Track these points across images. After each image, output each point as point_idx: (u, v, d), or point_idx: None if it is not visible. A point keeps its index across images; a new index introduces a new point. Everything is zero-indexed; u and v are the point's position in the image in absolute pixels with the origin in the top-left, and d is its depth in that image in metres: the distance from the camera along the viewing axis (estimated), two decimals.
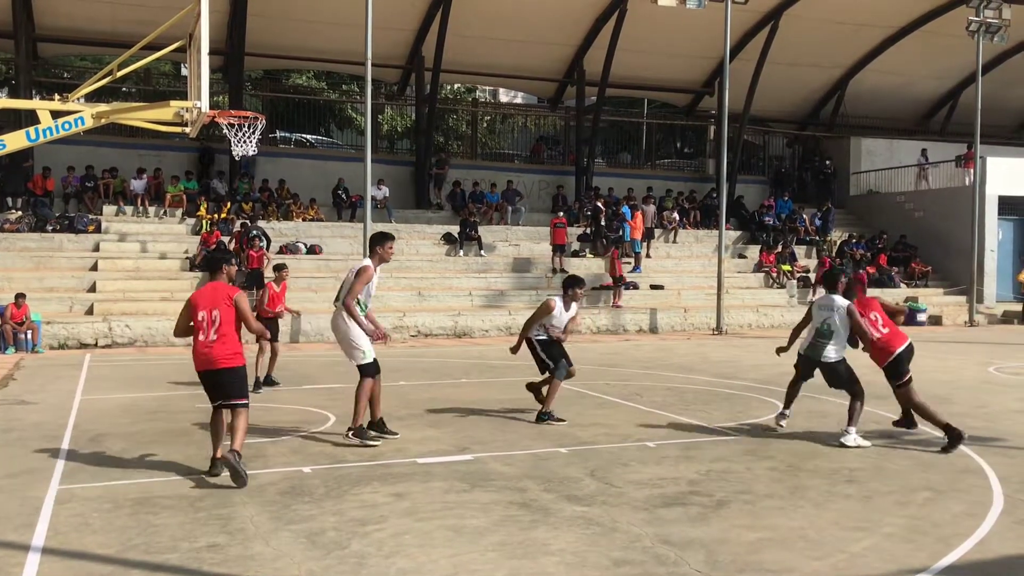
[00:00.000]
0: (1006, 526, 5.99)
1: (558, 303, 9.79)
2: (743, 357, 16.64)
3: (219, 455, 7.17)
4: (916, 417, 9.17)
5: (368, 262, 8.65)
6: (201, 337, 7.33)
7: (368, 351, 8.46)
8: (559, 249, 24.22)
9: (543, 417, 9.72)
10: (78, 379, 13.10)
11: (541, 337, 9.84)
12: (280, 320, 13.22)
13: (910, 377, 8.83)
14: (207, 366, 7.36)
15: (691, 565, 5.19)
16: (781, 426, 9.26)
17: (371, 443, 8.35)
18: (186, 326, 7.54)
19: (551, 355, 9.81)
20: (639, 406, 10.91)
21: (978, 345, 19.54)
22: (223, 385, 7.36)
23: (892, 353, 8.86)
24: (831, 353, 8.96)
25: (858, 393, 8.89)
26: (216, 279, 7.58)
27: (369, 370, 8.48)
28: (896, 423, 9.44)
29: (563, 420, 9.70)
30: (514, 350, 10.11)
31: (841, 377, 9.03)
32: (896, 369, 8.84)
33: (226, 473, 6.98)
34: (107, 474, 7.32)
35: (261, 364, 12.13)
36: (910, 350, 8.96)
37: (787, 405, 9.37)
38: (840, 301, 8.91)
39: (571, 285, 9.83)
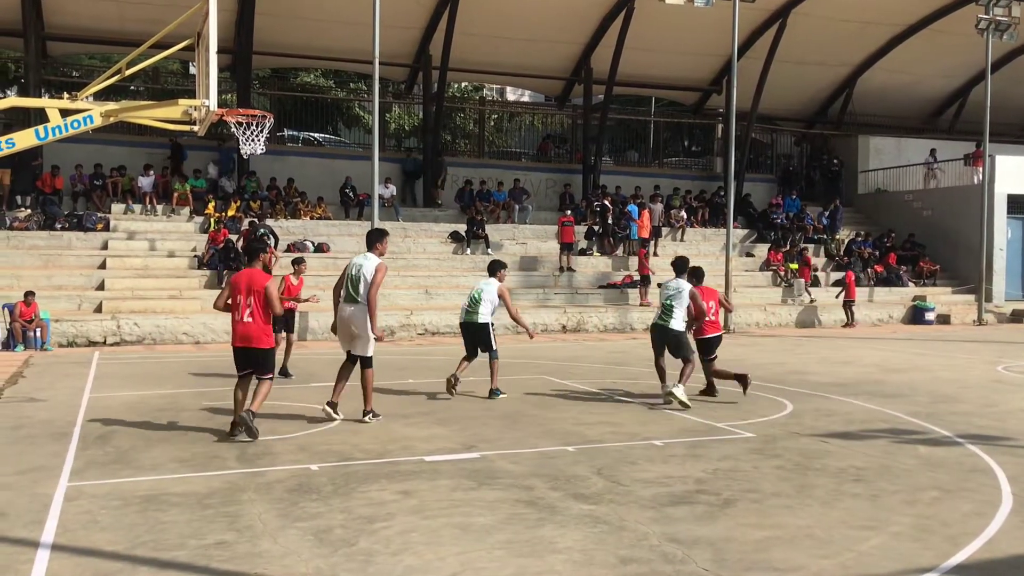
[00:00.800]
0: (1015, 525, 5.98)
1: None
2: (750, 356, 16.61)
3: (237, 417, 8.38)
4: (716, 384, 11.51)
5: (380, 260, 9.50)
6: (237, 316, 8.62)
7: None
8: (567, 247, 24.21)
9: (496, 393, 11.22)
10: (87, 377, 13.15)
11: (489, 321, 11.33)
12: (296, 313, 13.44)
13: (716, 357, 11.42)
14: (242, 343, 8.64)
15: (698, 563, 5.19)
16: (670, 402, 10.61)
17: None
18: (224, 303, 8.89)
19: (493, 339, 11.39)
20: (646, 404, 10.90)
21: (987, 344, 19.48)
22: (252, 360, 8.65)
23: (710, 335, 11.35)
24: (674, 325, 10.98)
25: (690, 360, 11.01)
26: (253, 266, 8.80)
27: (372, 362, 9.53)
28: (702, 392, 11.43)
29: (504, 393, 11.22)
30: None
31: (680, 346, 11.06)
32: (708, 347, 11.34)
33: (245, 437, 8.23)
34: (116, 471, 7.35)
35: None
36: (720, 338, 11.56)
37: (663, 381, 11.03)
38: (684, 284, 11.02)
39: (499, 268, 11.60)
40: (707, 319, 11.16)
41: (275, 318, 9.27)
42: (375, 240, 9.65)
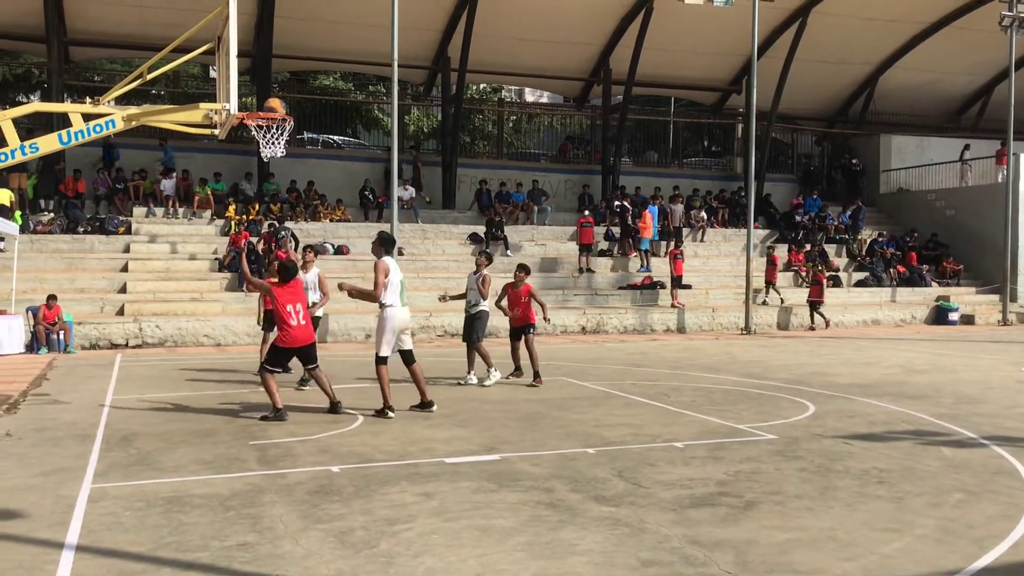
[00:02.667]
0: None
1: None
2: (772, 357, 16.53)
3: (334, 399, 10.29)
4: (522, 366, 12.97)
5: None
6: (293, 323, 9.90)
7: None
8: (586, 248, 24.18)
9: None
10: (109, 379, 13.25)
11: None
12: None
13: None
14: (301, 343, 10.01)
15: (720, 566, 5.16)
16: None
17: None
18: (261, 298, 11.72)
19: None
20: (667, 406, 10.87)
21: (1011, 344, 19.28)
22: (308, 354, 10.13)
23: (525, 321, 12.82)
24: (472, 310, 12.85)
25: (476, 345, 12.76)
26: (294, 279, 10.22)
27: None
28: (511, 375, 12.95)
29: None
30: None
31: (471, 330, 12.88)
32: (523, 332, 12.86)
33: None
34: (139, 473, 7.39)
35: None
36: (533, 324, 12.97)
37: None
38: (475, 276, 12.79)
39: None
40: (517, 310, 12.78)
41: (266, 317, 11.71)
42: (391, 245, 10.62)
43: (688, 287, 23.87)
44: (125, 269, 20.63)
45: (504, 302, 13.22)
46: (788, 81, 28.62)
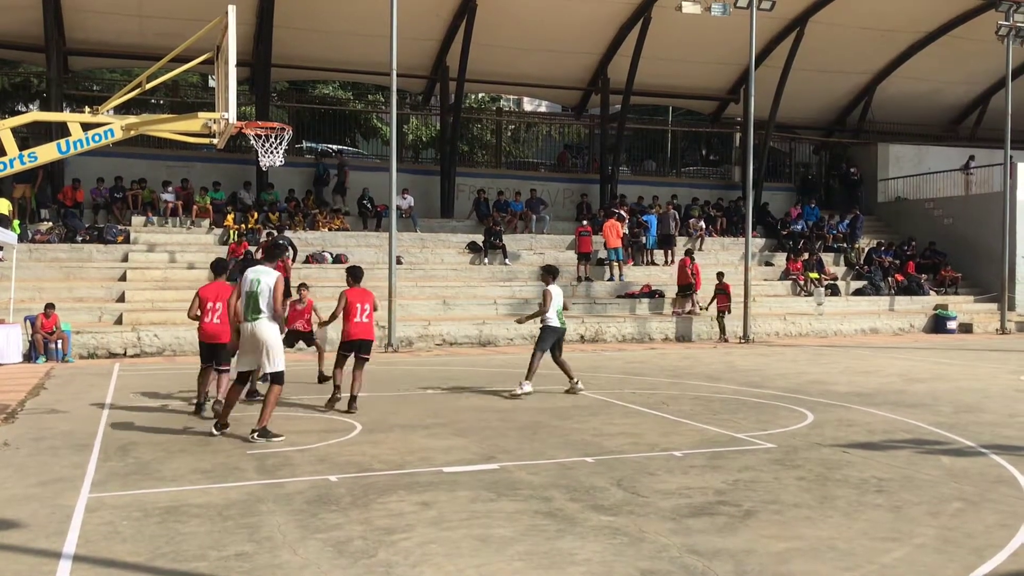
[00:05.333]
0: None
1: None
2: (770, 366, 16.52)
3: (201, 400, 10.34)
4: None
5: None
6: (356, 320, 10.86)
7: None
8: (585, 257, 24.19)
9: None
10: (107, 388, 13.23)
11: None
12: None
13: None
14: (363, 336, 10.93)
15: (719, 575, 5.15)
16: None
17: (275, 439, 9.07)
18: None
19: None
20: (665, 415, 10.86)
21: (1010, 353, 19.29)
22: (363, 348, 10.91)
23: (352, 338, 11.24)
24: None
25: (534, 354, 12.67)
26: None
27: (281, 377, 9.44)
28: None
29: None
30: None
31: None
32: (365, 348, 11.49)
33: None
34: (136, 482, 7.38)
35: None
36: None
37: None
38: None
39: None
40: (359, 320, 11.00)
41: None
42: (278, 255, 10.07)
43: (686, 289, 23.89)
44: (123, 278, 20.62)
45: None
46: (786, 90, 28.69)
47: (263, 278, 9.24)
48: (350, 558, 5.44)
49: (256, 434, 9.12)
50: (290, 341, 12.48)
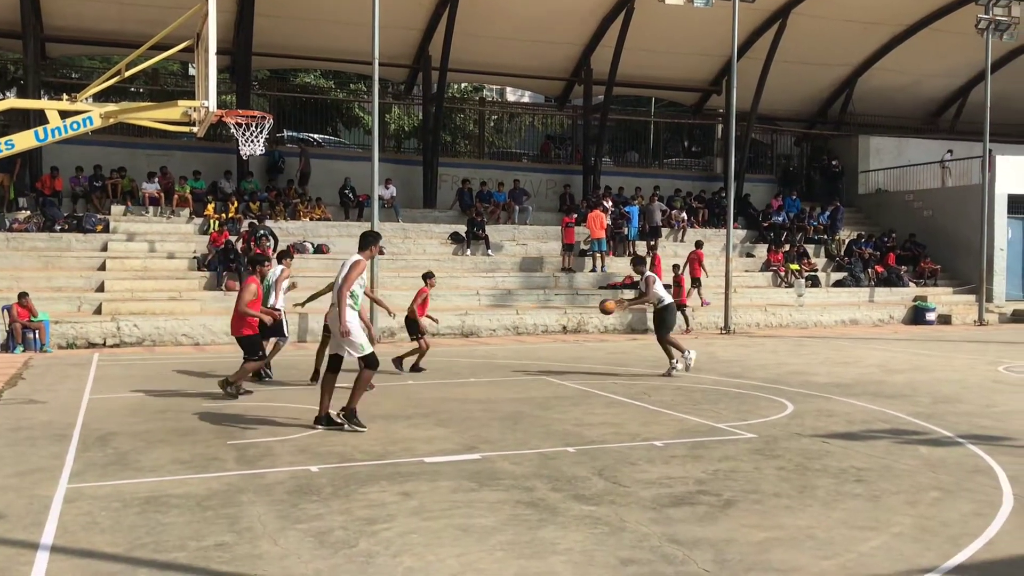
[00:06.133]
0: (1016, 526, 5.96)
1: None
2: (751, 356, 16.60)
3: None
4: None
5: (360, 256, 9.20)
6: None
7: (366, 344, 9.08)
8: (570, 248, 24.21)
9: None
10: (86, 378, 13.14)
11: None
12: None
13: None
14: None
15: (699, 564, 5.18)
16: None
17: (359, 428, 8.97)
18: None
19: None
20: (647, 405, 10.89)
21: (988, 344, 19.47)
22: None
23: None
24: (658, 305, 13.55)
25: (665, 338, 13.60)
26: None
27: (373, 361, 9.11)
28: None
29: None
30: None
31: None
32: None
33: None
34: (115, 473, 7.34)
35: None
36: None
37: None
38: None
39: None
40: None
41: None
42: (369, 242, 9.37)
43: (668, 286, 23.92)
44: (103, 268, 20.45)
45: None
46: (768, 82, 28.77)
47: (346, 262, 9.19)
48: (331, 548, 5.43)
49: (342, 414, 9.12)
50: (266, 334, 12.38)
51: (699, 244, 23.91)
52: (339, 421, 9.11)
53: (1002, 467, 7.59)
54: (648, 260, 23.99)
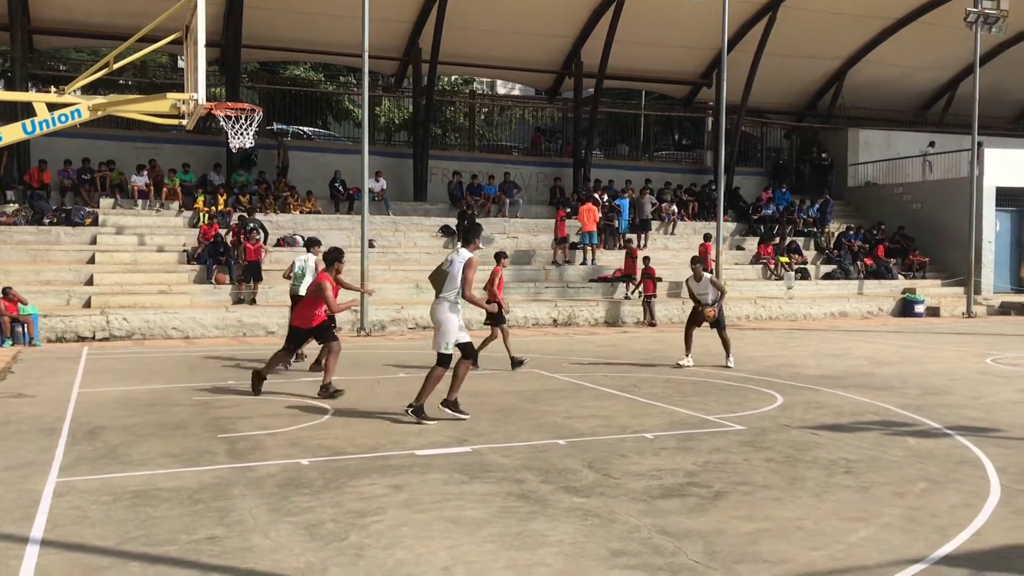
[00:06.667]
0: (1003, 516, 6.01)
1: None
2: (740, 349, 16.63)
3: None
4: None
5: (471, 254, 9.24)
6: None
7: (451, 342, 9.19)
8: (563, 242, 24.22)
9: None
10: (76, 372, 13.09)
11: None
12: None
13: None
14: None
15: (689, 556, 5.20)
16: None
17: (426, 422, 9.08)
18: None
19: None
20: (637, 398, 10.92)
21: (976, 336, 19.57)
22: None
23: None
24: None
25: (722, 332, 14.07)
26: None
27: (446, 361, 9.21)
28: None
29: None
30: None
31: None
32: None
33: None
34: (105, 467, 7.32)
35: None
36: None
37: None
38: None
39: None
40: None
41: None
42: (473, 236, 9.44)
43: (659, 279, 23.98)
44: (92, 261, 20.38)
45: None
46: (758, 75, 28.80)
47: (456, 259, 9.18)
48: (322, 541, 5.44)
49: (411, 409, 9.20)
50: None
51: (707, 237, 24.02)
52: (405, 414, 9.26)
53: (990, 458, 7.64)
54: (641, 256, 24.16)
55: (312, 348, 12.74)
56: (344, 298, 12.72)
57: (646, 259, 22.53)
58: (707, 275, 14.28)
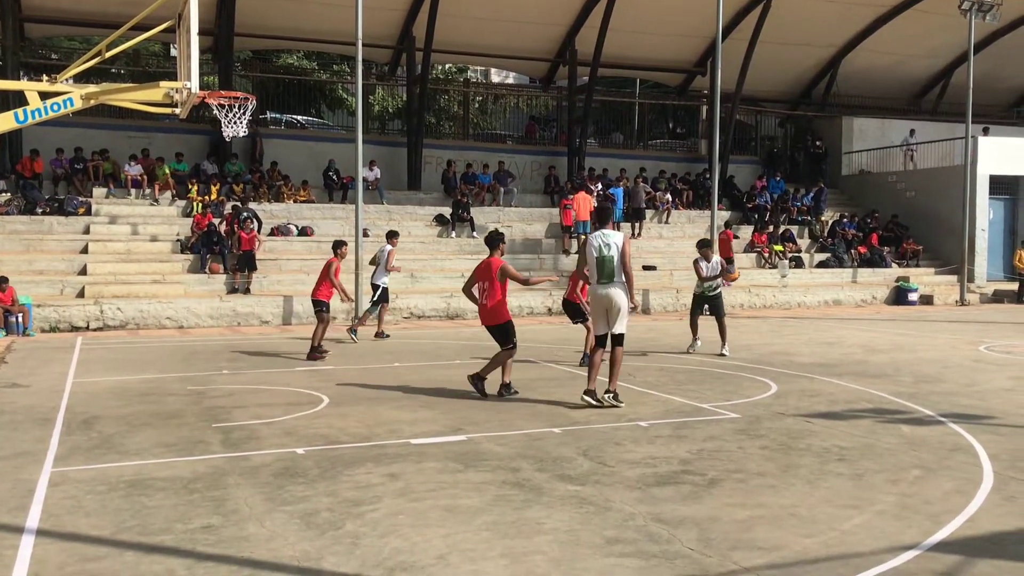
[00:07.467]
0: (995, 503, 6.04)
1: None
2: (734, 337, 16.63)
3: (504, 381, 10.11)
4: None
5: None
6: (481, 300, 10.18)
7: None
8: (567, 230, 24.23)
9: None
10: (70, 362, 13.08)
11: None
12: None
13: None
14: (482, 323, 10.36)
15: (683, 543, 5.22)
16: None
17: (621, 404, 9.34)
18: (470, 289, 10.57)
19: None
20: (632, 386, 10.93)
21: (969, 324, 19.63)
22: (496, 336, 10.21)
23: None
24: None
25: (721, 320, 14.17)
26: (492, 255, 10.25)
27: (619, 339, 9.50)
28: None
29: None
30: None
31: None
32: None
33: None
34: (100, 456, 7.32)
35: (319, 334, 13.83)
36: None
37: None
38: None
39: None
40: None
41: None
42: (606, 219, 9.93)
43: (653, 268, 24.01)
44: (85, 251, 20.31)
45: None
46: (752, 63, 28.73)
47: (612, 242, 9.31)
48: (317, 530, 5.45)
49: (611, 395, 9.33)
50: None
51: (728, 224, 24.06)
52: (595, 401, 9.32)
53: (982, 445, 7.68)
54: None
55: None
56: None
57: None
58: (716, 258, 14.39)
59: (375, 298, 16.44)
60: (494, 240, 10.38)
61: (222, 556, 5.03)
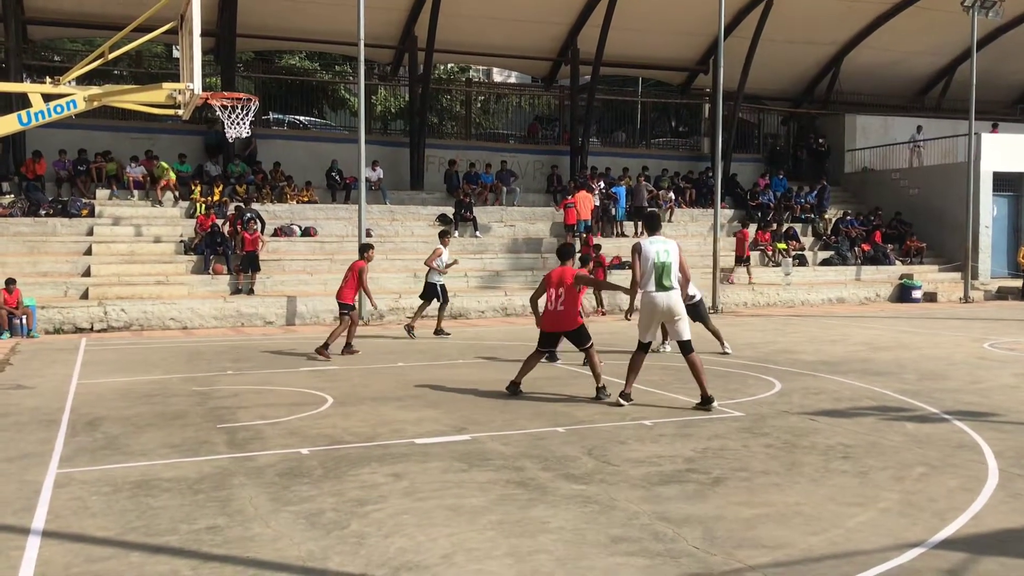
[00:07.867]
0: (1001, 500, 6.03)
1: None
2: (738, 335, 16.66)
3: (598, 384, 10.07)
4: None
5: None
6: (549, 306, 10.15)
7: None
8: (570, 229, 24.23)
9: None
10: (74, 363, 13.10)
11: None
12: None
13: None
14: (547, 329, 10.34)
15: (688, 541, 5.22)
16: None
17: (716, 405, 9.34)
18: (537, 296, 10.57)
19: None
20: (636, 385, 10.90)
21: (973, 321, 19.60)
22: (572, 339, 10.28)
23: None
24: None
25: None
26: (564, 264, 10.37)
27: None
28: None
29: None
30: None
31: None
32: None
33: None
34: (105, 457, 7.33)
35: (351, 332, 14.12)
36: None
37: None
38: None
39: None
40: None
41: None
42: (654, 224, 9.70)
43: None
44: (89, 252, 20.33)
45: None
46: (754, 61, 28.71)
47: (670, 248, 9.32)
48: (322, 530, 5.45)
49: (710, 404, 9.28)
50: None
51: (744, 223, 23.98)
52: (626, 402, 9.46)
53: (987, 442, 7.67)
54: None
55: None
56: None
57: (597, 247, 22.27)
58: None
59: (439, 297, 16.94)
60: (568, 251, 10.70)
61: (227, 556, 5.04)
